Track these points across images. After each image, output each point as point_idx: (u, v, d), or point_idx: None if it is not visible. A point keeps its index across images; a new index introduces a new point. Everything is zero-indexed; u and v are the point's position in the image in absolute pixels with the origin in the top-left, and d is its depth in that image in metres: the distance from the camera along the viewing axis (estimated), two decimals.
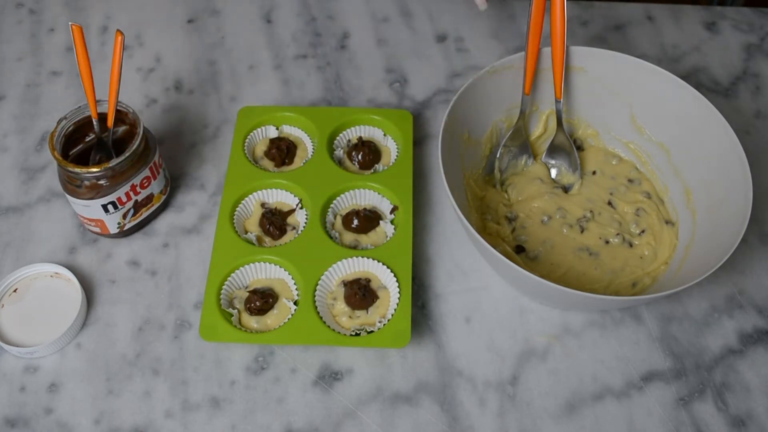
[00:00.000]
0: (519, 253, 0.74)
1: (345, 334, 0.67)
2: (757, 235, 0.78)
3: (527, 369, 0.69)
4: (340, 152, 0.80)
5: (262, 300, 0.69)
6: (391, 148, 0.82)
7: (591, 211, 0.77)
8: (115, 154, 0.71)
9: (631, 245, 0.75)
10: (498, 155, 0.77)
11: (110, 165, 0.68)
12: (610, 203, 0.77)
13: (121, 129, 0.74)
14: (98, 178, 0.69)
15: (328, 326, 0.67)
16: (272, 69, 0.91)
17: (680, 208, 0.75)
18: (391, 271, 0.70)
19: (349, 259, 0.71)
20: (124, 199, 0.72)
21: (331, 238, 0.73)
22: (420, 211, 0.79)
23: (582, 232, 0.75)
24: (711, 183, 0.72)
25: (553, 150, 0.79)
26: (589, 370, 0.69)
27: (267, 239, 0.75)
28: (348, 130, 0.82)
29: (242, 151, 0.79)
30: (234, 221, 0.75)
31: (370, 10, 0.98)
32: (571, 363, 0.69)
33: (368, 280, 0.71)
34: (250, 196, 0.77)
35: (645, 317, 0.72)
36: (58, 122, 0.70)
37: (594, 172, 0.80)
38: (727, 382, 0.69)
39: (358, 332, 0.68)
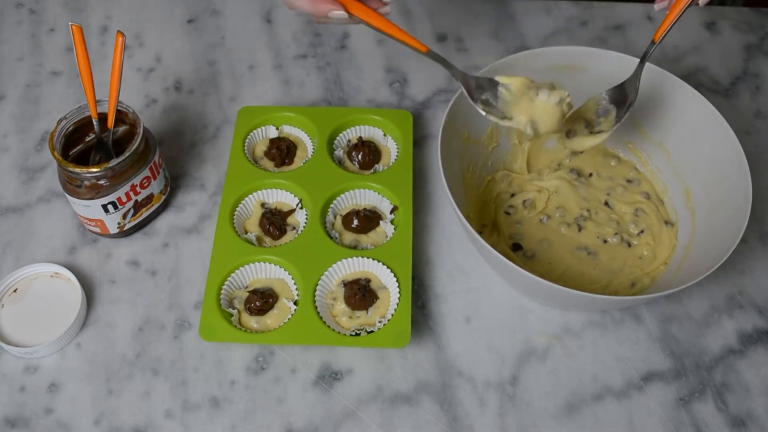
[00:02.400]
0: (516, 250, 0.74)
1: (345, 334, 0.67)
2: (756, 235, 0.78)
3: (527, 369, 0.69)
4: (340, 152, 0.80)
5: (262, 300, 0.69)
6: (391, 148, 0.82)
7: (588, 210, 0.77)
8: (115, 154, 0.71)
9: (629, 245, 0.75)
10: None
11: (110, 165, 0.68)
12: (606, 203, 0.77)
13: (121, 129, 0.74)
14: (98, 178, 0.69)
15: (328, 326, 0.67)
16: (272, 69, 0.91)
17: (680, 208, 0.75)
18: (391, 271, 0.70)
19: (349, 259, 0.71)
20: (124, 199, 0.72)
21: (331, 238, 0.73)
22: (420, 211, 0.79)
23: (579, 230, 0.75)
24: (711, 183, 0.72)
25: (616, 94, 0.71)
26: (589, 370, 0.69)
27: (267, 239, 0.75)
28: (348, 130, 0.82)
29: (242, 151, 0.79)
30: (234, 221, 0.75)
31: None
32: (571, 363, 0.69)
33: (368, 281, 0.71)
34: (250, 196, 0.77)
35: (645, 317, 0.72)
36: (58, 122, 0.70)
37: (591, 174, 0.80)
38: (727, 382, 0.69)
39: (358, 332, 0.68)
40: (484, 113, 0.67)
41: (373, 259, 0.71)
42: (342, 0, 0.62)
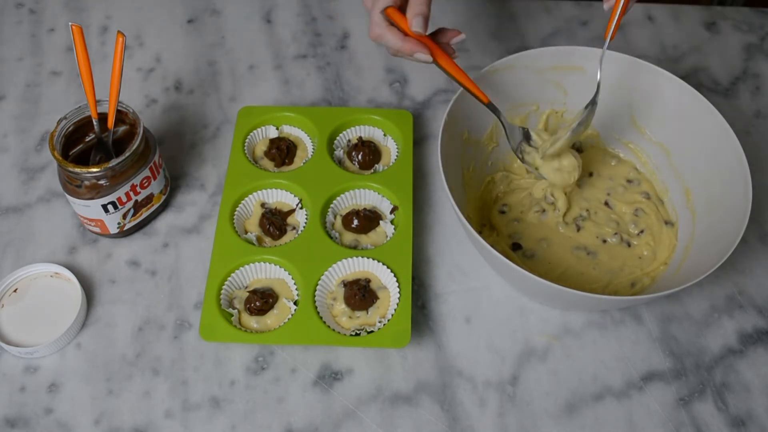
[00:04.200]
0: (515, 250, 0.74)
1: (345, 334, 0.67)
2: (757, 235, 0.78)
3: (527, 369, 0.69)
4: (340, 152, 0.80)
5: (262, 300, 0.69)
6: (391, 148, 0.82)
7: (587, 210, 0.77)
8: (115, 154, 0.71)
9: (629, 245, 0.75)
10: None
11: (110, 165, 0.68)
12: (606, 203, 0.77)
13: (121, 129, 0.74)
14: (98, 178, 0.69)
15: (328, 326, 0.67)
16: (272, 69, 0.91)
17: (680, 208, 0.75)
18: (391, 271, 0.70)
19: (349, 259, 0.71)
20: (124, 199, 0.72)
21: (331, 238, 0.73)
22: (420, 211, 0.79)
23: (578, 230, 0.75)
24: (710, 183, 0.72)
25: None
26: (589, 370, 0.69)
27: (267, 239, 0.75)
28: (348, 130, 0.82)
29: (242, 151, 0.79)
30: (234, 221, 0.75)
31: None
32: (571, 363, 0.69)
33: (368, 281, 0.71)
34: (250, 196, 0.77)
35: (645, 317, 0.72)
36: (58, 122, 0.70)
37: (591, 174, 0.80)
38: (727, 382, 0.69)
39: (358, 332, 0.68)
40: (520, 161, 0.73)
41: (373, 259, 0.71)
42: (428, 43, 0.66)
